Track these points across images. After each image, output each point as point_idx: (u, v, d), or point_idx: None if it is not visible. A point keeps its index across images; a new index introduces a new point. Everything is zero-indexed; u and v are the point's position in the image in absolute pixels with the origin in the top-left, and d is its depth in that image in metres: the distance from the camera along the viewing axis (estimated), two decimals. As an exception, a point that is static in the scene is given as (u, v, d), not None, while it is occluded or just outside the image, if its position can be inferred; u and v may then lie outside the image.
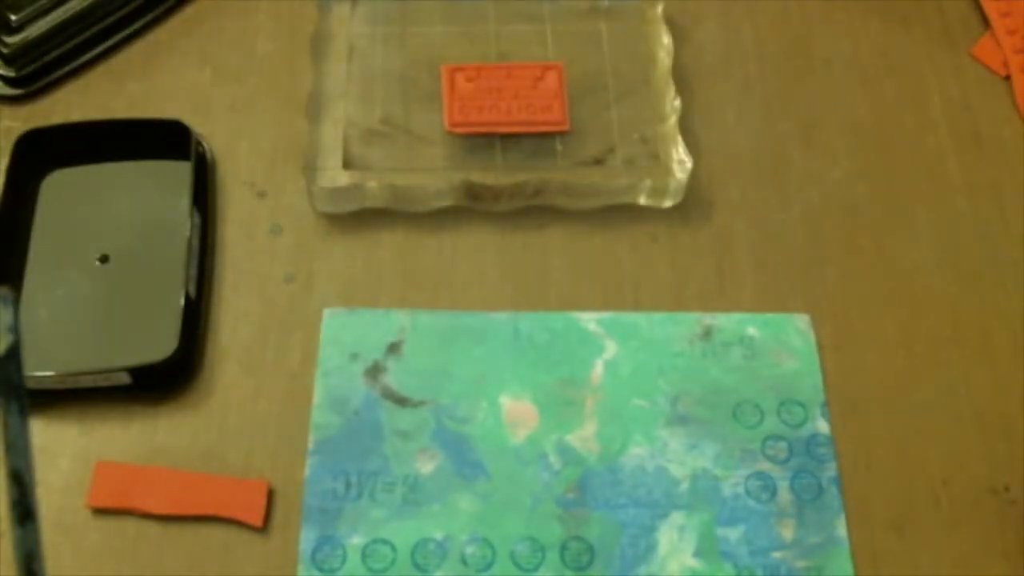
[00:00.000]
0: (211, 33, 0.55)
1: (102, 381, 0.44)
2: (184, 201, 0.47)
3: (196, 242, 0.47)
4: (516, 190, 0.49)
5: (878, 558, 0.42)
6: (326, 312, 0.47)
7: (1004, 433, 0.45)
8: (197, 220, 0.47)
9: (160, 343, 0.44)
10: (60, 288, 0.46)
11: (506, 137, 0.50)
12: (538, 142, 0.50)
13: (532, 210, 0.50)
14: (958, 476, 0.44)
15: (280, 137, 0.52)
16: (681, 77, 0.54)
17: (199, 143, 0.49)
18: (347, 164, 0.49)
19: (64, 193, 0.49)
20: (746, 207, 0.51)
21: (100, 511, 0.42)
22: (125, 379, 0.44)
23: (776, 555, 0.42)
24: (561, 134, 0.50)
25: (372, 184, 0.48)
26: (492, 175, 0.48)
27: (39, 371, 0.43)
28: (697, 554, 0.42)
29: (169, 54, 0.54)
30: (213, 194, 0.50)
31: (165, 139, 0.49)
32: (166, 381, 0.45)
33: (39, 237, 0.48)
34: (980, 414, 0.46)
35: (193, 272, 0.46)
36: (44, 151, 0.49)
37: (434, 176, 0.48)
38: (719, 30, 0.56)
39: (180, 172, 0.48)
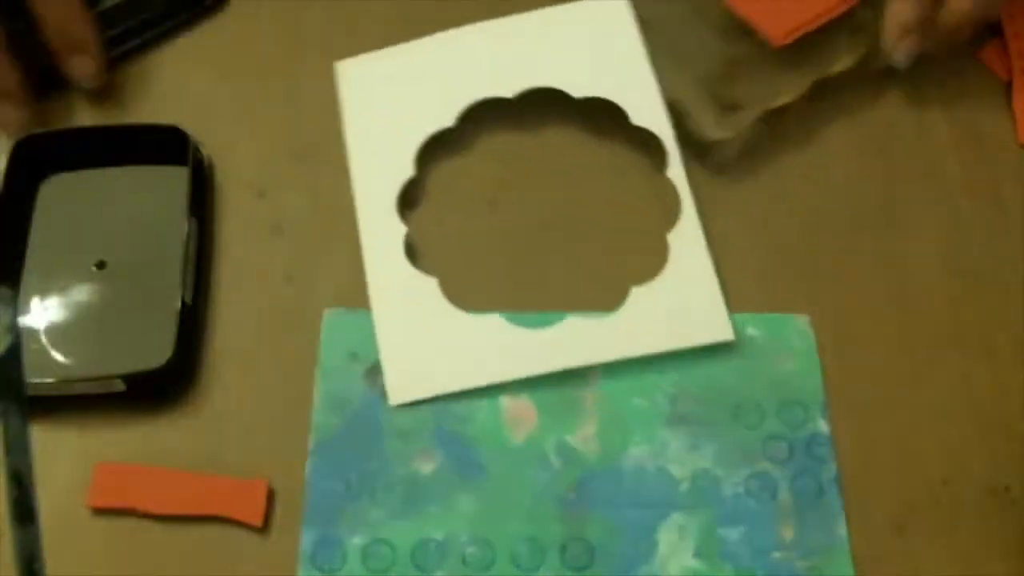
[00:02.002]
0: (213, 31, 0.55)
1: (96, 388, 0.43)
2: (182, 206, 0.47)
3: (193, 249, 0.46)
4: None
5: (878, 558, 0.42)
6: (326, 312, 0.47)
7: (1004, 433, 0.45)
8: (194, 227, 0.47)
9: (156, 351, 0.44)
10: (56, 294, 0.46)
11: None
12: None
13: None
14: (958, 476, 0.44)
15: (280, 136, 0.52)
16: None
17: (197, 149, 0.49)
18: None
19: (62, 199, 0.49)
20: (746, 207, 0.51)
21: (100, 511, 0.42)
22: (120, 386, 0.43)
23: (776, 555, 0.42)
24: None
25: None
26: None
27: (33, 377, 0.42)
28: (697, 554, 0.42)
29: (170, 51, 0.54)
30: (211, 198, 0.49)
31: (163, 145, 0.49)
32: (161, 389, 0.44)
33: (36, 242, 0.48)
34: (980, 414, 0.46)
35: (189, 279, 0.46)
36: (42, 156, 0.49)
37: None
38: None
39: (178, 178, 0.48)
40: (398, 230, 0.48)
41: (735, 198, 0.51)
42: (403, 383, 0.45)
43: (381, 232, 0.48)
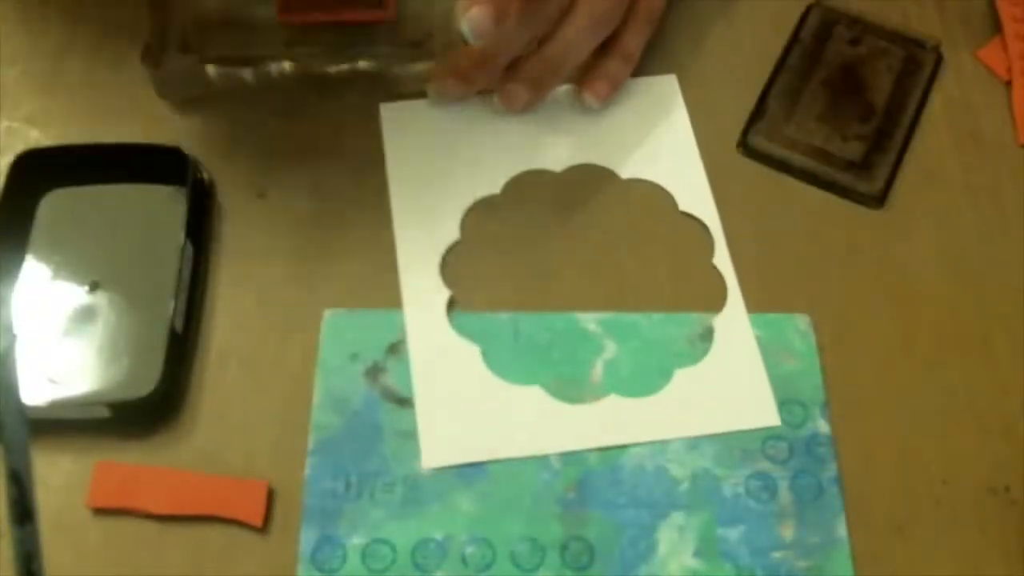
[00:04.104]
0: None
1: (80, 413, 0.43)
2: (179, 229, 0.46)
3: (187, 274, 0.46)
4: (346, 75, 0.51)
5: (878, 558, 0.42)
6: (326, 312, 0.47)
7: (1004, 433, 0.45)
8: (190, 252, 0.46)
9: (143, 378, 0.43)
10: (47, 315, 0.45)
11: (337, 27, 0.51)
12: (367, 31, 0.51)
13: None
14: (958, 476, 0.44)
15: (280, 136, 0.52)
16: (688, 75, 0.54)
17: (197, 170, 0.48)
18: (185, 49, 0.50)
19: (60, 216, 0.48)
20: (746, 207, 0.51)
21: (100, 511, 0.42)
22: (105, 412, 0.43)
23: (776, 555, 0.42)
24: (388, 22, 0.51)
25: (210, 68, 0.50)
26: (319, 62, 0.51)
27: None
28: (697, 554, 0.42)
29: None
30: (211, 217, 0.49)
31: (165, 164, 0.48)
32: (146, 417, 0.44)
33: (33, 259, 0.47)
34: (980, 414, 0.46)
35: (182, 306, 0.45)
36: (44, 171, 0.48)
37: (266, 61, 0.51)
38: (721, 29, 0.56)
39: (178, 199, 0.47)
40: (441, 293, 0.47)
41: (735, 199, 0.51)
42: (437, 447, 0.44)
43: (424, 294, 0.47)
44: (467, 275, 0.48)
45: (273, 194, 0.50)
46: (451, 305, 0.47)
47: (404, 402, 0.45)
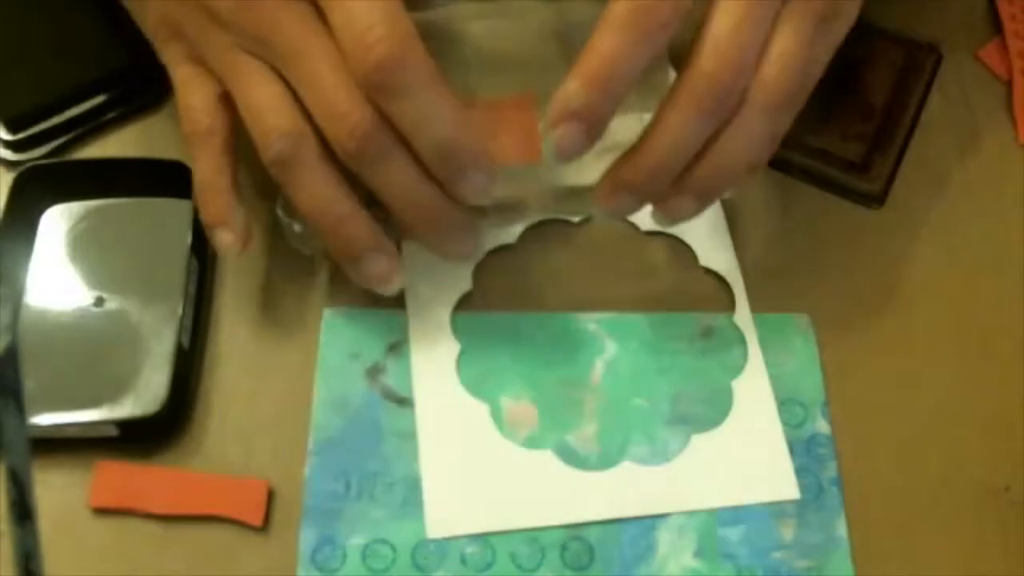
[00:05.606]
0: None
1: (88, 432, 0.43)
2: (184, 244, 0.46)
3: (193, 289, 0.46)
4: None
5: (878, 558, 0.42)
6: (326, 312, 0.47)
7: (1004, 433, 0.45)
8: (195, 266, 0.46)
9: (150, 396, 0.43)
10: (52, 332, 0.45)
11: None
12: None
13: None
14: (958, 476, 0.44)
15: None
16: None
17: None
18: None
19: (63, 231, 0.48)
20: (746, 207, 0.51)
21: (100, 511, 0.42)
22: (113, 431, 0.43)
23: (776, 555, 0.42)
24: None
25: None
26: None
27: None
28: (697, 554, 0.42)
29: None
30: None
31: (166, 178, 0.48)
32: (154, 434, 0.44)
33: (36, 276, 0.47)
34: (980, 414, 0.46)
35: (188, 321, 0.45)
36: (44, 187, 0.48)
37: None
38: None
39: (181, 212, 0.47)
40: (452, 347, 0.46)
41: (735, 199, 0.51)
42: (444, 517, 0.42)
43: (434, 347, 0.46)
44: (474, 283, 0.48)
45: (273, 194, 0.50)
46: (461, 364, 0.46)
47: (404, 402, 0.45)
